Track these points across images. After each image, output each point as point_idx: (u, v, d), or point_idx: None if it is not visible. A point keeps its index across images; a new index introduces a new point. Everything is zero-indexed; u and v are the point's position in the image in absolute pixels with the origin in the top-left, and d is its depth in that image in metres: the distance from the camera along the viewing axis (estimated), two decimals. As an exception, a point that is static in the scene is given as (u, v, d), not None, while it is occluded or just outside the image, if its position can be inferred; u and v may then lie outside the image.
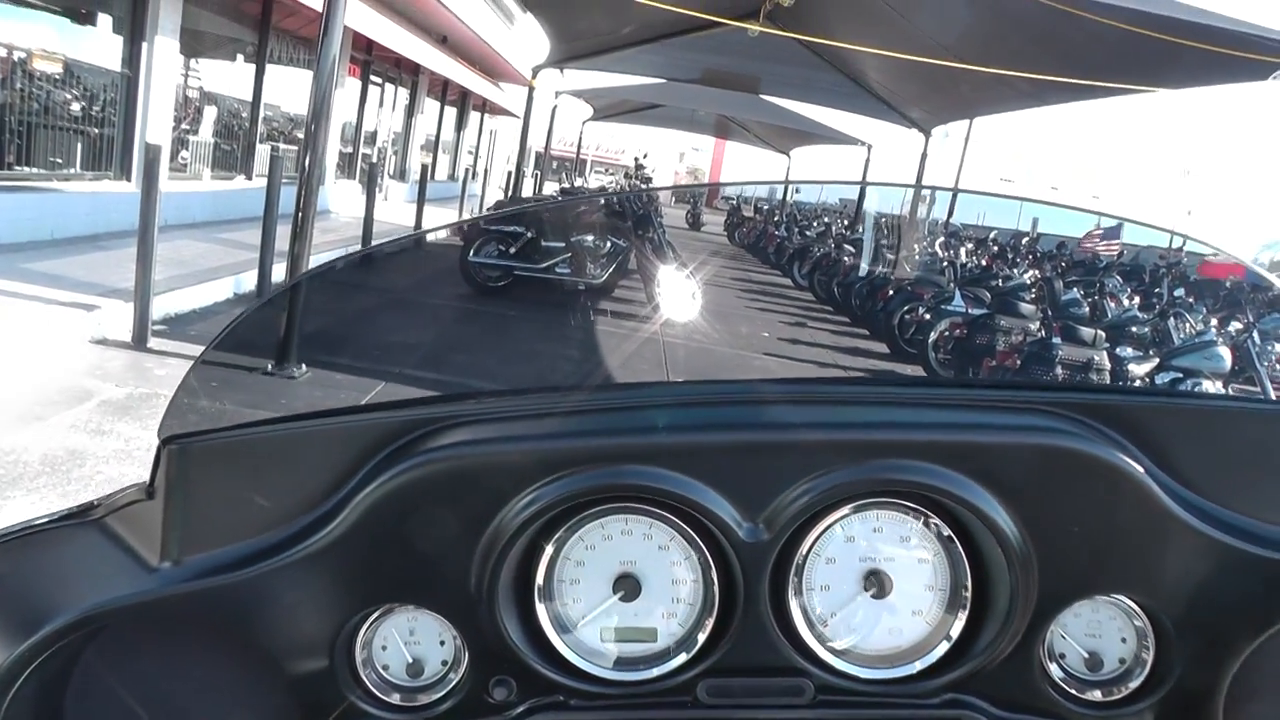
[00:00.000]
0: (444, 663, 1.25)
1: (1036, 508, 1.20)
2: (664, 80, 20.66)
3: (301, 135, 8.37)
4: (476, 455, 1.17)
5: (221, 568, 1.15)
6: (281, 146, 14.48)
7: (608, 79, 21.78)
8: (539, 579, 1.21)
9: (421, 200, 16.37)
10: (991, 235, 8.34)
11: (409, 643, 1.25)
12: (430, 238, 6.92)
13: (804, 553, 1.23)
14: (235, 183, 14.39)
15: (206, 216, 12.84)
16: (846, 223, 9.08)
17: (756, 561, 1.19)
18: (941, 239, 7.66)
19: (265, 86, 14.83)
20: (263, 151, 14.23)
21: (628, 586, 1.22)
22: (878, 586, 1.24)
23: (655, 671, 1.24)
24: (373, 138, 21.33)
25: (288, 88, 15.88)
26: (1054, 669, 1.30)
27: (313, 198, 6.93)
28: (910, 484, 1.20)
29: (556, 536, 1.21)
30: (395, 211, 17.59)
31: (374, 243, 11.26)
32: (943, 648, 1.26)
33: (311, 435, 1.21)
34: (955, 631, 1.26)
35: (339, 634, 1.20)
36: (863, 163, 22.49)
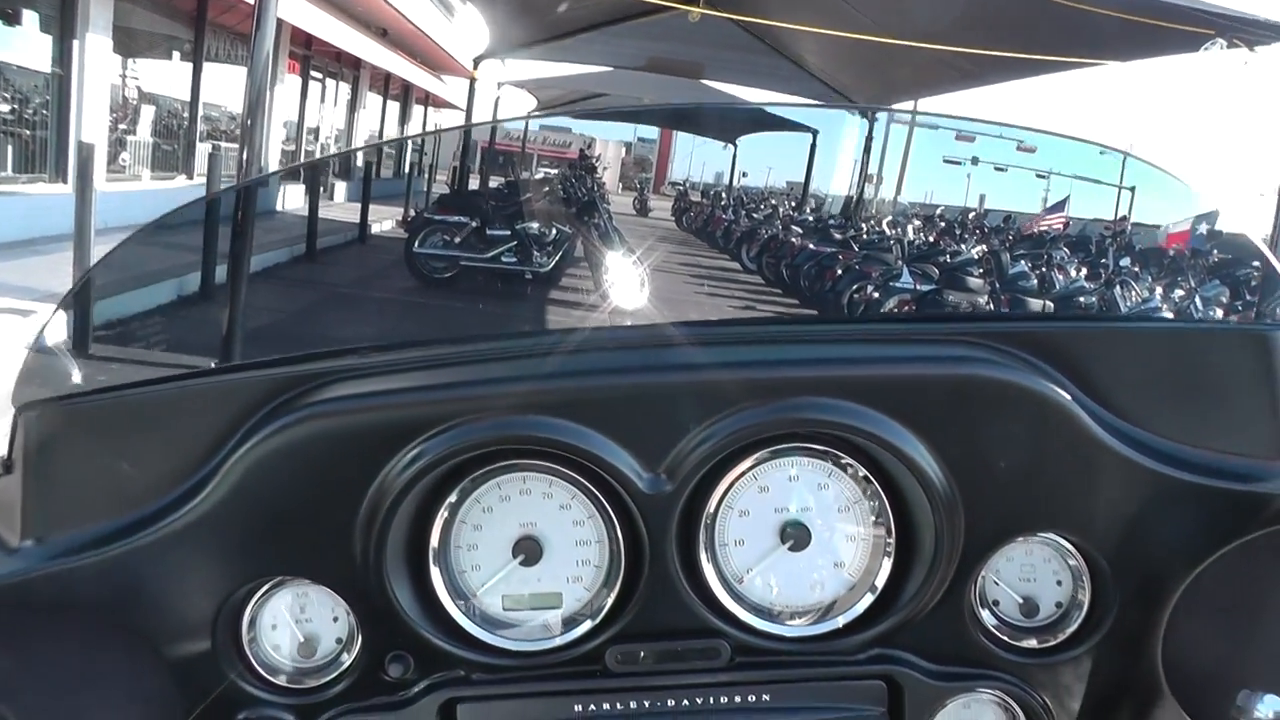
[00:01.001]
0: (338, 640, 1.18)
1: (958, 444, 1.14)
2: (608, 69, 20.57)
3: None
4: (355, 409, 1.09)
5: (89, 545, 1.07)
6: (223, 145, 14.25)
7: (551, 69, 21.62)
8: (433, 544, 1.14)
9: (366, 197, 16.16)
10: (939, 211, 8.37)
11: (300, 620, 1.17)
12: (377, 229, 6.83)
13: (714, 506, 1.16)
14: (176, 182, 14.16)
15: (148, 217, 12.55)
16: (794, 204, 9.09)
17: (660, 515, 1.12)
18: (889, 217, 7.70)
19: (204, 84, 14.59)
20: (204, 151, 14.02)
21: (528, 550, 1.14)
22: (796, 538, 1.17)
23: (559, 640, 1.17)
24: (316, 134, 21.07)
25: (227, 85, 15.63)
26: (986, 616, 1.24)
27: (252, 196, 6.81)
28: (821, 423, 1.13)
29: (450, 500, 1.13)
30: (340, 209, 17.35)
31: (318, 238, 11.07)
32: (867, 600, 1.20)
33: (182, 396, 1.13)
34: (880, 582, 1.20)
35: (220, 612, 1.12)
36: (808, 147, 22.56)
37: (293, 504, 1.09)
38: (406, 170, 24.03)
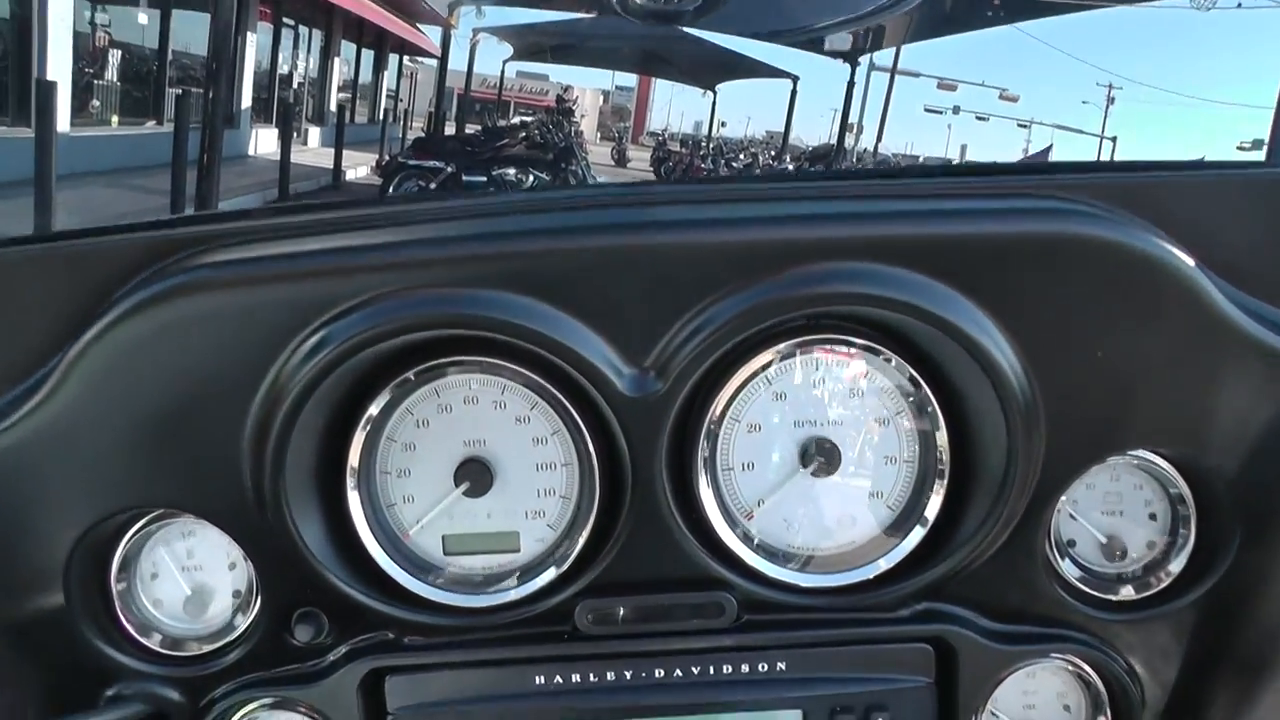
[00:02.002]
0: (235, 594, 0.94)
1: (1042, 326, 0.87)
2: (586, 15, 20.31)
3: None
4: (235, 279, 0.83)
5: None
6: (195, 91, 14.09)
7: (527, 15, 21.36)
8: (352, 467, 0.89)
9: (340, 142, 16.00)
10: (920, 161, 8.33)
11: (187, 568, 0.92)
12: (351, 175, 6.71)
13: (716, 415, 0.90)
14: (146, 128, 13.99)
15: (118, 163, 12.45)
16: (773, 153, 9.03)
17: (646, 427, 0.87)
18: (870, 165, 7.66)
19: (173, 29, 14.44)
20: (174, 96, 13.85)
21: (475, 475, 0.89)
22: (822, 460, 0.91)
23: (515, 594, 0.92)
24: (289, 80, 20.82)
25: (197, 30, 15.41)
26: (1064, 561, 0.99)
27: (218, 139, 6.70)
28: (859, 299, 0.85)
29: (372, 411, 0.88)
30: (314, 154, 17.18)
31: (291, 183, 11.03)
32: (914, 538, 0.93)
33: (19, 266, 0.87)
34: (930, 515, 0.93)
35: (73, 555, 0.87)
36: (788, 94, 22.43)
37: (162, 409, 0.84)
38: (381, 115, 23.85)
